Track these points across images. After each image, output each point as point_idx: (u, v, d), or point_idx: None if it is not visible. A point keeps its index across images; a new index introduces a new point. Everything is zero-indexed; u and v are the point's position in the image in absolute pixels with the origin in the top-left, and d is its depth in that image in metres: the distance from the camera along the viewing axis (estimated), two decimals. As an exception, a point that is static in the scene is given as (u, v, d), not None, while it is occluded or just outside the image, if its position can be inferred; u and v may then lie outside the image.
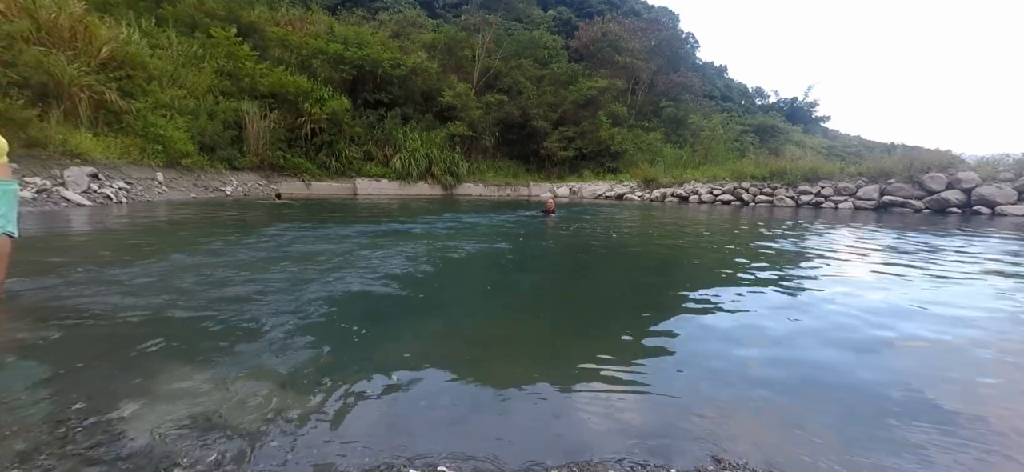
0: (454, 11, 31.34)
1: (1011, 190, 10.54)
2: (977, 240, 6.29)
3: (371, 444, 1.30)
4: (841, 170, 14.35)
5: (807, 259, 4.87)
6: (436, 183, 19.20)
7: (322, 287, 2.94)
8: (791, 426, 1.49)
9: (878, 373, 1.91)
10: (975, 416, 1.56)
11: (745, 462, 1.26)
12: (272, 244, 4.60)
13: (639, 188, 18.83)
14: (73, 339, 1.99)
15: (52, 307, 2.37)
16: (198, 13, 16.46)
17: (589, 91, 23.67)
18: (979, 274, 4.01)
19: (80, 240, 4.88)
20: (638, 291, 3.58)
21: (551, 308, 2.96)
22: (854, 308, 2.87)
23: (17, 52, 9.21)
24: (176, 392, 1.54)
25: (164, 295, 2.63)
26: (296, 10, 22.41)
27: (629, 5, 39.94)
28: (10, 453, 1.19)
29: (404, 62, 19.96)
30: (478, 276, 3.80)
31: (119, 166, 10.00)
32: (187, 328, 2.16)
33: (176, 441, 1.27)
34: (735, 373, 1.88)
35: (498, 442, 1.34)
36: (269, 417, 1.41)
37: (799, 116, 41.31)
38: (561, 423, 1.45)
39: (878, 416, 1.55)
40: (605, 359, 1.98)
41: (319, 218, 7.85)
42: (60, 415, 1.37)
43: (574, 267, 4.38)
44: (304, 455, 1.24)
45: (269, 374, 1.70)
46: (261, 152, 15.49)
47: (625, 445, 1.33)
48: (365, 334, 2.19)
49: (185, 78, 13.93)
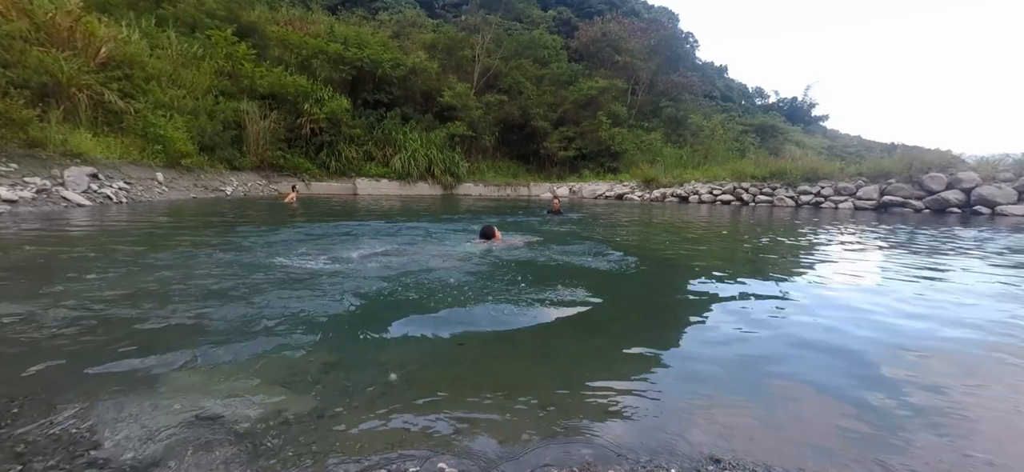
0: (454, 11, 31.36)
1: (1011, 190, 10.54)
2: (976, 239, 6.29)
3: (371, 444, 1.30)
4: (841, 170, 14.35)
5: (807, 260, 4.87)
6: (436, 183, 19.20)
7: (327, 287, 2.93)
8: (791, 427, 1.49)
9: (879, 374, 1.91)
10: (974, 420, 1.56)
11: (744, 462, 1.26)
12: (273, 244, 4.60)
13: (639, 188, 18.81)
14: (72, 339, 1.99)
15: (50, 307, 2.36)
16: (198, 13, 16.46)
17: (589, 91, 23.66)
18: (980, 273, 4.01)
19: (80, 240, 4.87)
20: (638, 291, 3.58)
21: (551, 308, 2.95)
22: (854, 309, 2.87)
23: (17, 52, 9.21)
24: (175, 392, 1.54)
25: (163, 295, 2.63)
26: (296, 10, 22.42)
27: (629, 5, 39.94)
28: (8, 454, 1.19)
29: (404, 62, 19.96)
30: (479, 276, 3.79)
31: (119, 166, 9.99)
32: (187, 328, 2.16)
33: (174, 442, 1.26)
34: (735, 374, 1.88)
35: (499, 442, 1.33)
36: (268, 419, 1.41)
37: (799, 116, 41.33)
38: (562, 423, 1.45)
39: (878, 416, 1.54)
40: (606, 359, 1.98)
41: (329, 217, 7.84)
42: (58, 415, 1.37)
43: (574, 267, 4.38)
44: (304, 455, 1.24)
45: (269, 375, 1.70)
46: (261, 152, 15.49)
47: (625, 445, 1.33)
48: (366, 333, 2.18)
49: (185, 78, 13.93)
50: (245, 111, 15.08)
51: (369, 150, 18.69)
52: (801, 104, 42.31)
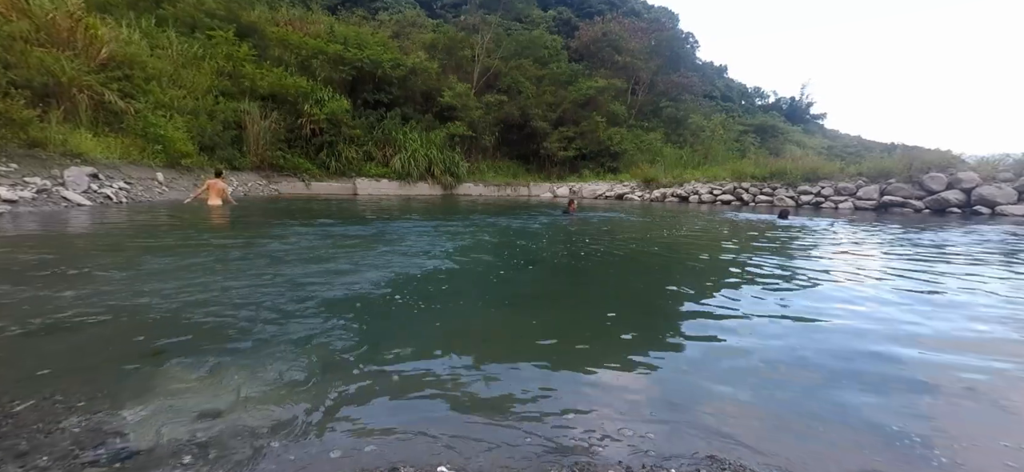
0: (454, 11, 31.31)
1: (1011, 190, 10.54)
2: (977, 238, 6.29)
3: (371, 444, 1.31)
4: (841, 170, 14.35)
5: (807, 261, 4.87)
6: (436, 183, 19.20)
7: (334, 286, 2.94)
8: (790, 427, 1.49)
9: (879, 375, 1.91)
10: (974, 426, 1.56)
11: (744, 463, 1.26)
12: (274, 245, 4.60)
13: (639, 188, 18.81)
14: (71, 339, 1.99)
15: (48, 307, 2.37)
16: (198, 13, 16.46)
17: (589, 91, 23.65)
18: (981, 272, 4.01)
19: (80, 239, 4.87)
20: (638, 292, 3.58)
21: (552, 308, 2.96)
22: (854, 309, 2.88)
23: (17, 53, 9.21)
24: (176, 391, 1.54)
25: (162, 295, 2.63)
26: (296, 10, 22.39)
27: (629, 5, 39.91)
28: (11, 453, 1.19)
29: (404, 62, 19.95)
30: (481, 277, 3.80)
31: (119, 166, 9.99)
32: (186, 328, 2.16)
33: (174, 442, 1.27)
34: (735, 375, 1.88)
35: (500, 443, 1.34)
36: (269, 418, 1.41)
37: (798, 115, 41.36)
38: (562, 423, 1.45)
39: (878, 418, 1.55)
40: (606, 360, 1.98)
41: (339, 217, 7.84)
42: (59, 415, 1.37)
43: (575, 267, 4.38)
44: (304, 456, 1.25)
45: (269, 375, 1.70)
46: (261, 152, 15.50)
47: (625, 445, 1.33)
48: (367, 333, 2.19)
49: (185, 78, 13.93)
50: (245, 111, 15.08)
51: (369, 150, 18.68)
52: (799, 103, 42.34)
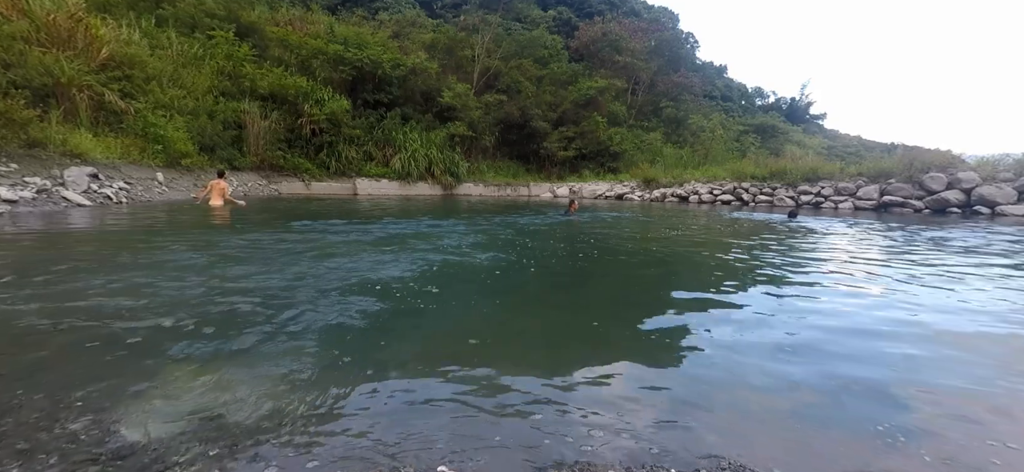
0: (454, 11, 31.31)
1: (1011, 190, 10.54)
2: (976, 237, 6.29)
3: (372, 445, 1.31)
4: (841, 170, 14.36)
5: (807, 261, 4.87)
6: (436, 183, 19.19)
7: (333, 286, 2.94)
8: (790, 428, 1.49)
9: (878, 376, 1.91)
10: (976, 432, 1.56)
11: (744, 463, 1.26)
12: (274, 244, 4.60)
13: (639, 188, 18.82)
14: (70, 337, 1.99)
15: (49, 306, 2.37)
16: (198, 13, 16.46)
17: (589, 91, 23.65)
18: (980, 272, 4.01)
19: (79, 239, 4.87)
20: (637, 292, 3.58)
21: (553, 308, 2.96)
22: (854, 310, 2.87)
23: (17, 53, 9.20)
24: (176, 390, 1.54)
25: (162, 295, 2.63)
26: (296, 10, 22.40)
27: (629, 5, 39.91)
28: (10, 451, 1.19)
29: (404, 62, 19.94)
30: (481, 278, 3.80)
31: (119, 166, 9.99)
32: (186, 327, 2.16)
33: (174, 440, 1.27)
34: (735, 375, 1.88)
35: (500, 443, 1.34)
36: (269, 417, 1.41)
37: (798, 115, 41.35)
38: (563, 423, 1.45)
39: (878, 418, 1.55)
40: (606, 360, 1.98)
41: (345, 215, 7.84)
42: (59, 413, 1.37)
43: (575, 268, 4.38)
44: (304, 455, 1.24)
45: (269, 374, 1.70)
46: (261, 152, 15.50)
47: (626, 446, 1.33)
48: (366, 333, 2.19)
49: (185, 78, 13.92)
50: (245, 111, 15.08)
51: (369, 150, 18.68)
52: (799, 103, 42.34)
